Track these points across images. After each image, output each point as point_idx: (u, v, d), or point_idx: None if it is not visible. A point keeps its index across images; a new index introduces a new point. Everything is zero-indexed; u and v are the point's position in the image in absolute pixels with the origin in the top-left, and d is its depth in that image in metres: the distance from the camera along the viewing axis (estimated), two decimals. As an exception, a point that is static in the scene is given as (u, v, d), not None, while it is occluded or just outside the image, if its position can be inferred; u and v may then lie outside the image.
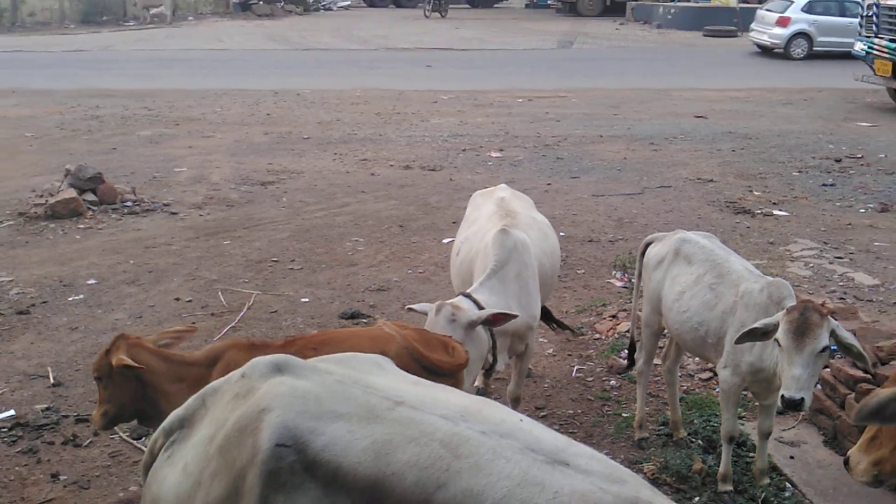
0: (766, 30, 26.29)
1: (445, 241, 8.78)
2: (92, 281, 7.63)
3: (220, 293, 7.34)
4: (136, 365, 3.42)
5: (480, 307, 4.14)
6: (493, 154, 13.25)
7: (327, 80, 21.03)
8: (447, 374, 3.49)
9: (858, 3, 23.00)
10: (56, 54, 26.12)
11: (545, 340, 6.45)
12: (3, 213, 9.83)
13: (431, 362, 3.51)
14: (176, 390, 3.44)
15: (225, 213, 10.01)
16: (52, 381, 5.72)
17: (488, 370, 4.47)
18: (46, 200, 9.82)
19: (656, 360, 5.41)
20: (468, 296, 4.23)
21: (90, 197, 10.01)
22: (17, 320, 6.77)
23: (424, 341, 3.66)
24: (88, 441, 4.98)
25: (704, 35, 32.46)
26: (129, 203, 10.19)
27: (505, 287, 4.39)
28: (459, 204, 10.20)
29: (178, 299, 7.22)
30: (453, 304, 4.10)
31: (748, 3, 34.10)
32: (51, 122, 15.83)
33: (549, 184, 11.39)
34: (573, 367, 6.05)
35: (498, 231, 4.55)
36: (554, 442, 2.09)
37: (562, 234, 9.05)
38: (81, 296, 7.30)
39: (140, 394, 3.51)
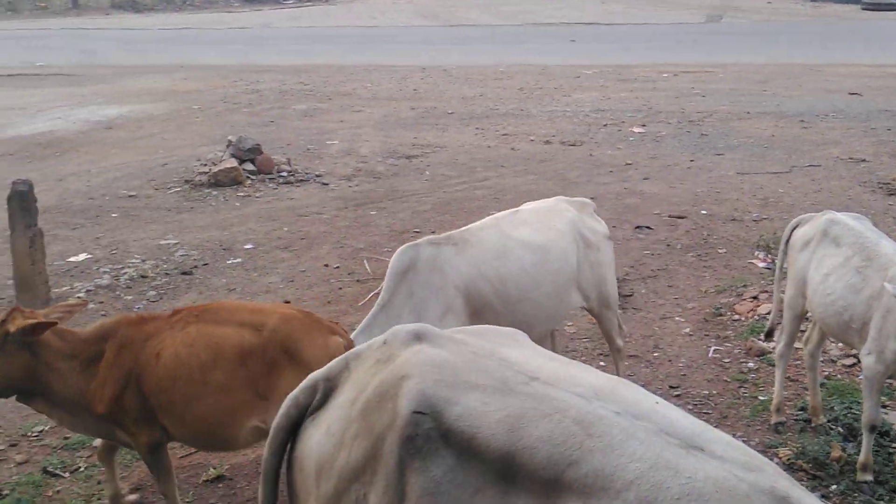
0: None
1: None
2: (249, 246, 8.16)
3: (365, 261, 7.69)
4: (48, 321, 3.42)
5: None
6: (636, 129, 13.06)
7: (472, 56, 21.22)
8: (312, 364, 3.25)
9: None
10: (221, 31, 27.58)
11: (682, 319, 6.41)
12: (172, 181, 10.62)
13: (294, 350, 3.41)
14: (67, 367, 3.46)
15: (372, 185, 10.41)
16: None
17: None
18: (210, 169, 10.54)
19: (797, 344, 5.28)
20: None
21: (249, 167, 10.66)
22: (181, 280, 7.35)
23: (307, 325, 3.52)
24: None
25: (863, 8, 30.41)
26: (284, 173, 10.77)
27: (396, 317, 3.99)
28: (599, 179, 10.18)
29: (326, 265, 7.62)
30: None
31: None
32: (216, 95, 16.83)
33: (692, 160, 11.14)
34: (710, 347, 5.99)
35: (398, 251, 4.23)
36: (689, 426, 2.03)
37: (703, 211, 8.88)
38: (239, 259, 7.82)
39: (31, 369, 3.44)
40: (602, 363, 5.67)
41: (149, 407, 3.47)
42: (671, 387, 5.47)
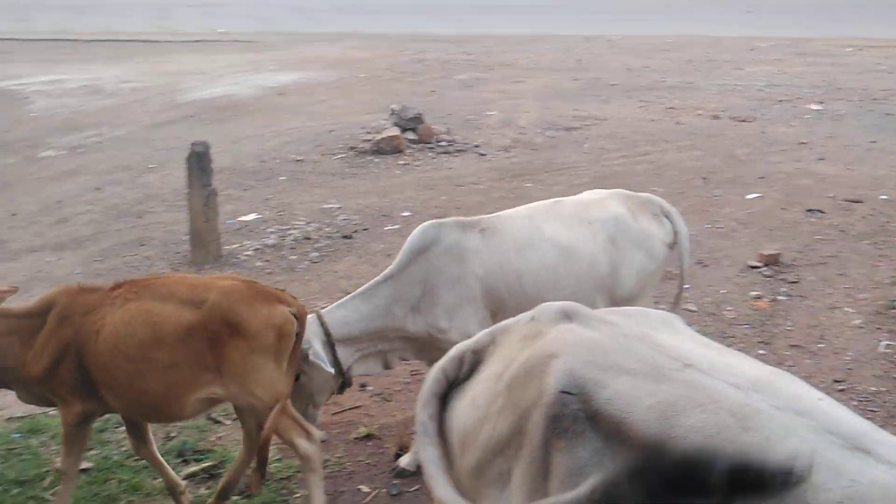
0: None
1: (750, 196, 8.41)
2: (407, 213, 8.34)
3: (519, 233, 7.68)
4: None
5: (327, 332, 3.79)
6: (812, 106, 12.29)
7: (639, 26, 20.60)
8: (256, 334, 3.35)
9: None
10: (390, 0, 28.12)
11: (851, 310, 6.03)
12: (338, 147, 10.99)
13: (236, 322, 3.35)
14: (7, 343, 3.48)
15: (529, 157, 10.36)
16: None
17: (341, 390, 4.05)
18: (373, 137, 10.83)
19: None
20: (319, 316, 3.85)
21: (410, 136, 10.87)
22: (342, 243, 7.61)
23: (249, 296, 3.43)
24: (395, 355, 5.55)
25: None
26: (443, 143, 10.91)
27: (394, 297, 3.90)
28: (770, 158, 9.68)
29: (480, 235, 7.67)
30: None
31: None
32: (382, 64, 17.22)
33: (873, 141, 10.37)
34: (881, 342, 5.60)
35: (420, 227, 4.03)
36: (855, 426, 1.89)
37: (883, 196, 8.28)
38: (397, 226, 8.01)
39: None
40: (762, 351, 5.43)
41: (89, 380, 3.47)
42: (835, 381, 5.16)
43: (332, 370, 3.70)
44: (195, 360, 3.36)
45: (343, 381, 3.92)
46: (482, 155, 10.53)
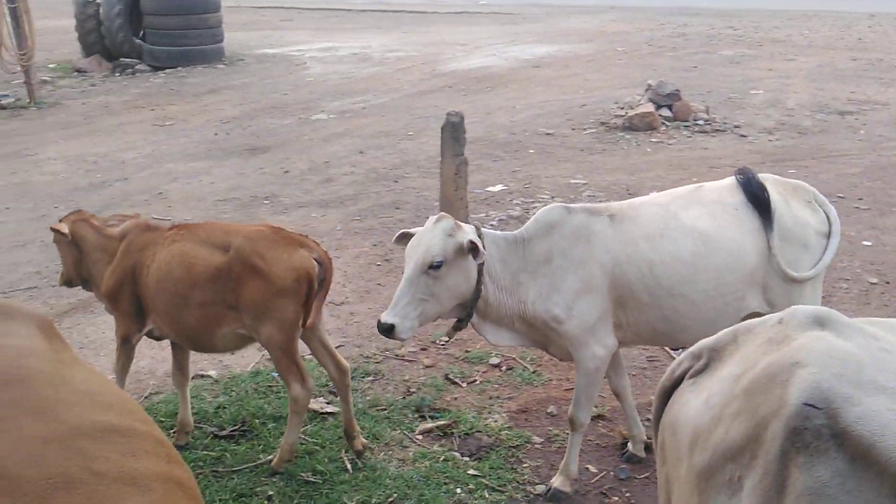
0: None
1: None
2: (655, 193, 8.11)
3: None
4: (61, 229, 4.14)
5: (479, 238, 3.55)
6: None
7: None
8: (275, 276, 3.66)
9: None
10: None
11: None
12: (588, 122, 10.90)
13: (257, 265, 3.69)
14: (98, 258, 4.10)
15: (795, 141, 9.67)
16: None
17: (458, 322, 3.75)
18: (626, 112, 10.61)
19: None
20: (478, 227, 3.66)
21: (665, 113, 10.53)
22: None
23: (271, 241, 3.76)
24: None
25: None
26: (700, 121, 10.46)
27: (524, 259, 3.66)
28: None
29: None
30: (457, 222, 3.59)
31: None
32: (641, 38, 16.78)
33: None
34: None
35: (547, 207, 3.77)
36: None
37: None
38: (644, 205, 7.81)
39: (78, 259, 4.19)
40: None
41: (140, 306, 4.00)
42: None
43: (483, 260, 3.49)
44: (222, 298, 3.79)
45: (468, 312, 3.67)
46: (742, 136, 9.98)
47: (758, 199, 3.70)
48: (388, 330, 3.50)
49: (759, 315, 3.71)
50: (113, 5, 16.15)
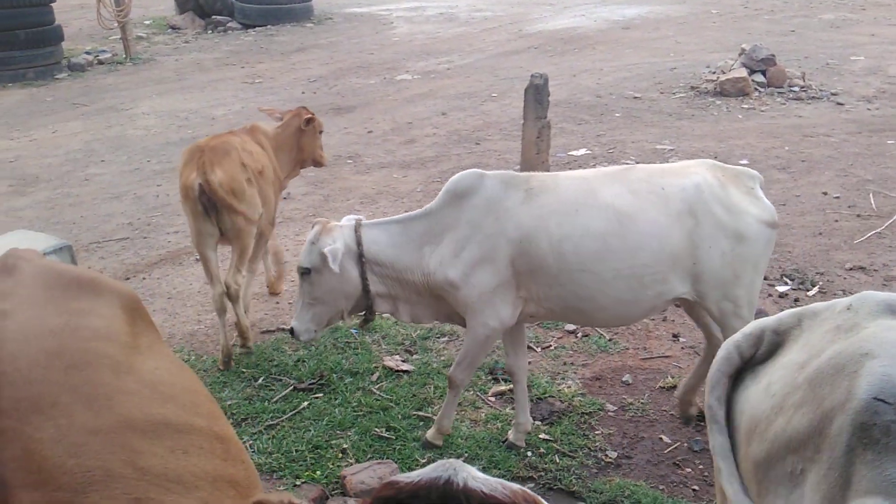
0: None
1: None
2: (744, 161, 7.88)
3: (871, 195, 6.94)
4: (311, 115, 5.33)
5: (359, 242, 3.65)
6: None
7: None
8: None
9: None
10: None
11: None
12: (678, 86, 10.62)
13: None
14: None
15: (895, 111, 9.23)
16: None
17: (365, 315, 3.88)
18: (717, 77, 10.29)
19: None
20: (359, 222, 3.76)
21: (759, 78, 10.17)
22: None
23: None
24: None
25: None
26: (795, 88, 10.08)
27: (428, 232, 3.67)
28: None
29: (825, 193, 7.05)
30: (326, 226, 3.70)
31: None
32: (737, 0, 16.17)
33: None
34: None
35: (462, 173, 3.73)
36: None
37: None
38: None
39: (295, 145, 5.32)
40: None
41: None
42: None
43: (336, 269, 3.56)
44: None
45: (368, 305, 3.76)
46: (839, 104, 9.57)
47: None
48: (291, 333, 3.82)
49: (687, 302, 3.77)
50: (206, -37, 16.45)
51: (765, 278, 5.47)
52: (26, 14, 12.72)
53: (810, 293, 5.36)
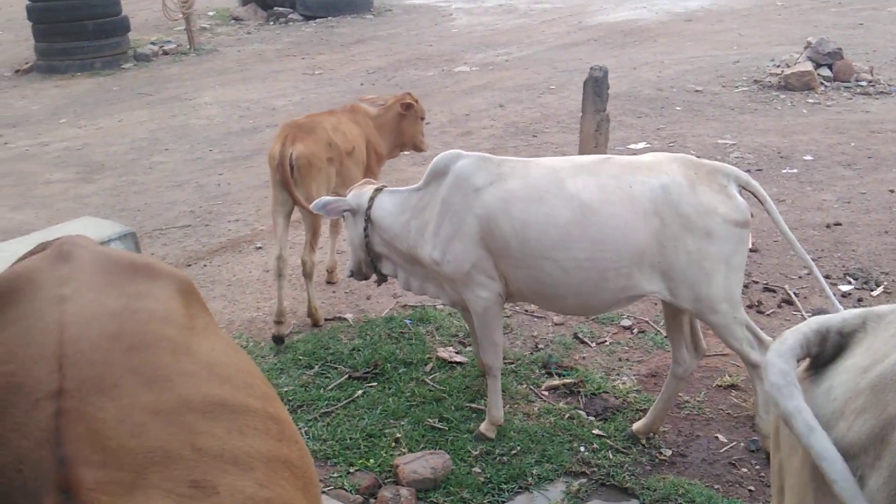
0: None
1: None
2: (808, 157, 7.71)
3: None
4: (413, 101, 5.55)
5: (370, 206, 3.99)
6: None
7: None
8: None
9: None
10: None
11: None
12: (741, 79, 10.41)
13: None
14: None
15: (970, 106, 8.93)
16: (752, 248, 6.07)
17: (354, 272, 4.26)
18: (782, 71, 10.06)
19: None
20: (380, 187, 4.09)
21: (825, 72, 9.92)
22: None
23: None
24: (771, 311, 5.24)
25: None
26: (863, 83, 9.80)
27: (415, 208, 3.89)
28: None
29: (892, 191, 6.86)
30: (363, 185, 4.14)
31: None
32: (809, -9, 15.79)
33: None
34: None
35: (444, 153, 3.88)
36: None
37: None
38: (795, 170, 7.44)
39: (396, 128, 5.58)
40: None
41: None
42: None
43: (338, 216, 4.16)
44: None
45: (374, 262, 4.11)
46: (909, 100, 9.29)
47: None
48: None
49: (669, 306, 3.75)
50: (269, -45, 16.66)
51: (827, 277, 5.36)
52: (94, 5, 13.08)
53: (874, 293, 5.23)
